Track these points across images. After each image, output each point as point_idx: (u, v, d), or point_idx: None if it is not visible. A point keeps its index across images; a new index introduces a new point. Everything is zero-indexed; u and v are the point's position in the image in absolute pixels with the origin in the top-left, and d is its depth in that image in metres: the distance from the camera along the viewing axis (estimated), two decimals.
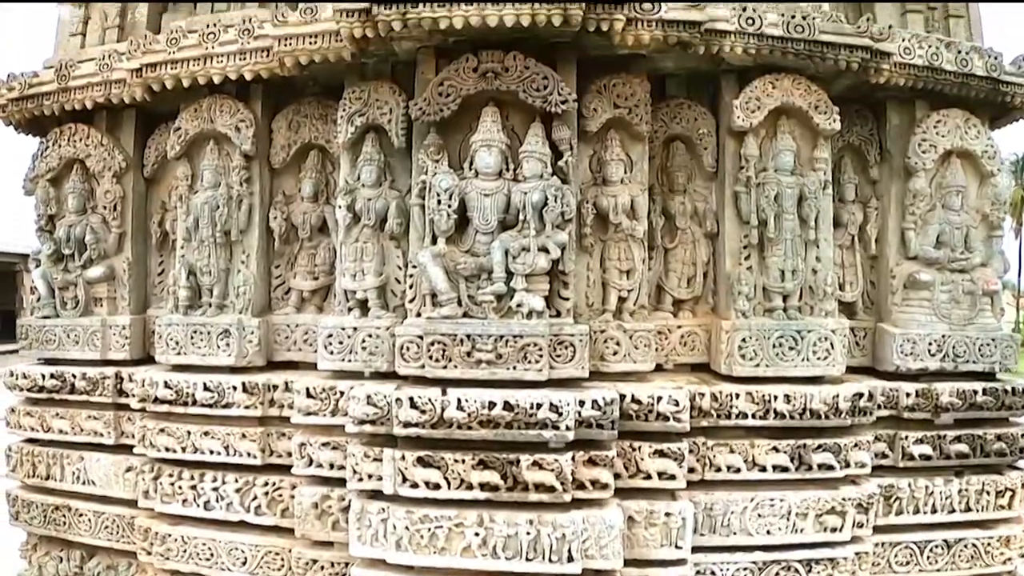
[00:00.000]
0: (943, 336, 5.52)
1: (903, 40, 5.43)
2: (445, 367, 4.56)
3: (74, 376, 5.79)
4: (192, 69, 5.26)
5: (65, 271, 6.02)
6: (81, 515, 5.88)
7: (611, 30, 4.67)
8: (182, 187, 5.49)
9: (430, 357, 4.56)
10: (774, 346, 5.06)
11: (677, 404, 4.74)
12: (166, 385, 5.29)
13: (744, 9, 4.98)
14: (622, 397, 4.71)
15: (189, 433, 5.30)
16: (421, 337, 4.60)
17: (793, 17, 5.04)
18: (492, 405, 4.43)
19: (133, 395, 5.53)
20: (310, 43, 4.93)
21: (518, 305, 4.53)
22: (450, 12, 4.55)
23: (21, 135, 6.40)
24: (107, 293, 5.91)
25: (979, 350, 5.58)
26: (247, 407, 5.19)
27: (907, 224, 5.70)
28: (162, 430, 5.34)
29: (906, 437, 5.49)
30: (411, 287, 4.80)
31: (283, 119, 5.41)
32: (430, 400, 4.48)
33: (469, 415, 4.45)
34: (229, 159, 5.40)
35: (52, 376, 5.85)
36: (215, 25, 5.23)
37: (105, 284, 5.91)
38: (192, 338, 5.33)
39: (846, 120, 5.55)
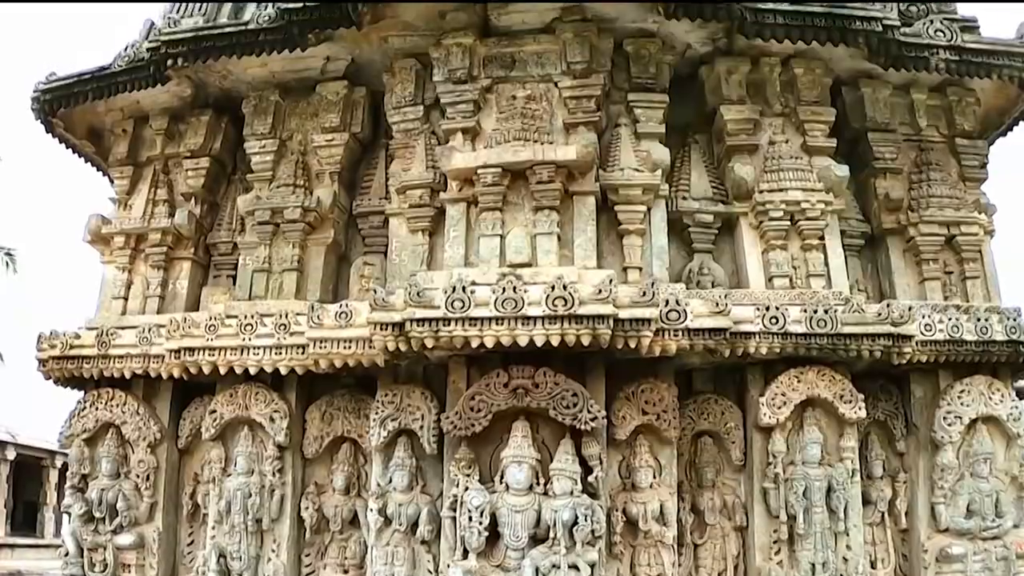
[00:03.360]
0: None
1: (923, 317, 5.53)
2: None
3: None
4: (229, 358, 5.41)
5: (95, 532, 6.05)
6: None
7: (639, 346, 4.79)
8: (215, 468, 5.58)
9: None
10: None
11: None
12: None
13: (767, 309, 5.10)
14: None
15: None
16: None
17: (816, 312, 5.15)
18: None
19: None
20: (344, 347, 5.09)
21: None
22: (481, 332, 4.70)
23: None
24: (135, 560, 5.92)
25: None
26: None
27: (936, 498, 5.67)
28: None
29: None
30: None
31: (317, 410, 5.54)
32: None
33: None
34: (263, 446, 5.50)
35: None
36: (252, 316, 5.40)
37: (134, 551, 5.93)
38: None
39: (870, 396, 5.61)
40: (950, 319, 5.62)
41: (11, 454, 16.48)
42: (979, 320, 5.67)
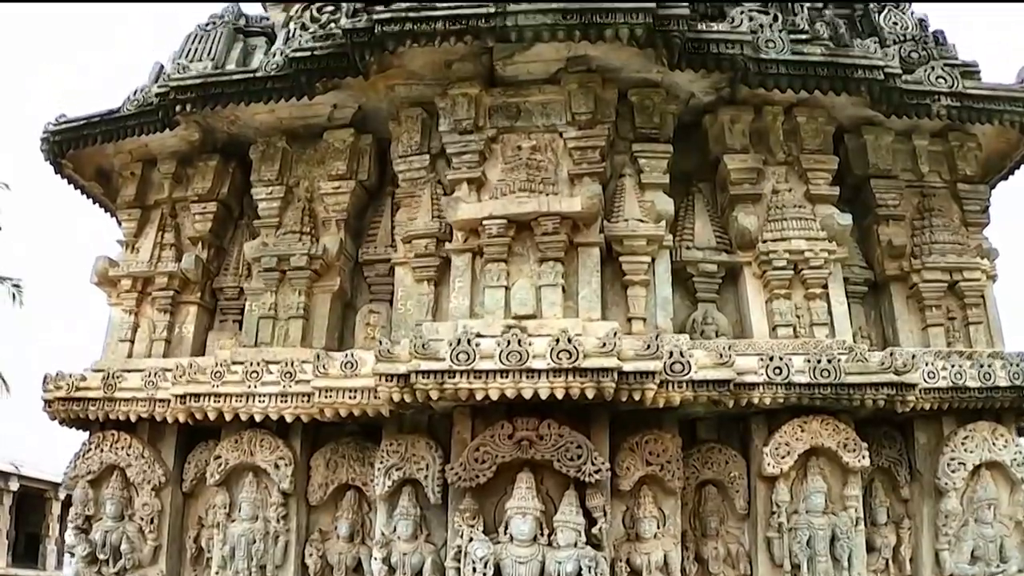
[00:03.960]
0: None
1: (926, 365, 5.53)
2: None
3: None
4: (235, 405, 5.43)
5: (99, 574, 6.05)
6: None
7: (643, 398, 4.81)
8: (220, 514, 5.58)
9: None
10: None
11: None
12: None
13: (771, 359, 5.12)
14: None
15: None
16: None
17: (819, 362, 5.17)
18: None
19: None
20: (349, 397, 5.12)
21: None
22: (486, 385, 4.73)
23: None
24: None
25: None
26: None
27: (941, 545, 5.65)
28: None
29: None
30: None
31: (321, 457, 5.55)
32: None
33: None
34: (267, 492, 5.52)
35: None
36: (258, 364, 5.43)
37: None
38: None
39: (874, 443, 5.61)
40: (953, 366, 5.63)
41: (14, 485, 16.45)
42: (982, 366, 5.68)
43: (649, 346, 4.79)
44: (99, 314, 7.11)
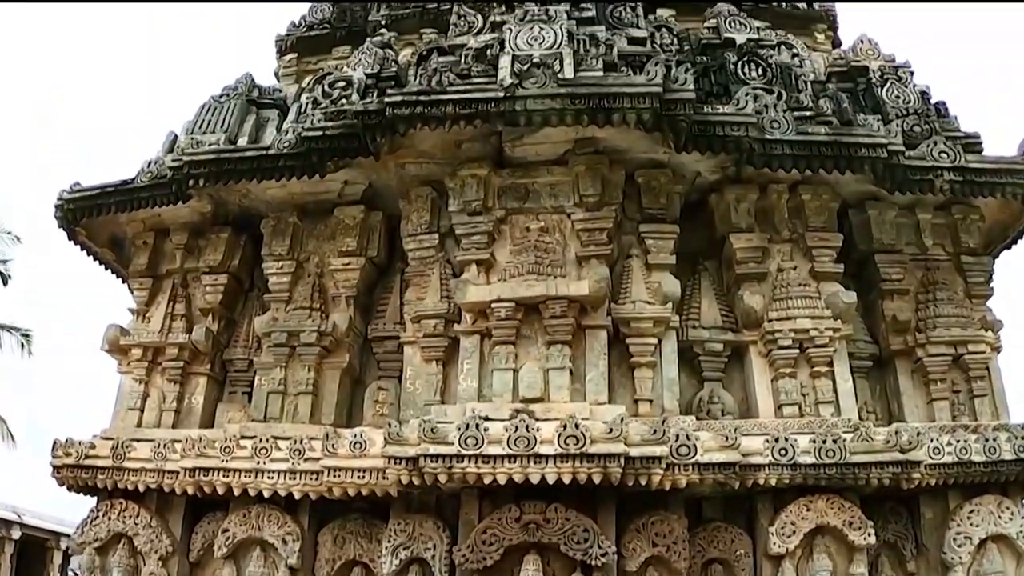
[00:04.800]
0: None
1: (932, 441, 5.54)
2: None
3: None
4: (243, 480, 5.47)
5: None
6: None
7: (649, 482, 4.84)
8: None
9: None
10: None
11: None
12: None
13: (776, 440, 5.15)
14: None
15: None
16: None
17: (824, 442, 5.19)
18: None
19: None
20: (358, 476, 5.17)
21: None
22: (494, 469, 4.78)
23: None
24: None
25: None
26: None
27: None
28: None
29: None
30: None
31: (329, 533, 5.58)
32: None
33: None
34: (275, 567, 5.53)
35: None
36: (268, 440, 5.46)
37: None
38: None
39: (880, 519, 5.62)
40: (958, 441, 5.65)
41: (16, 533, 16.37)
42: (987, 440, 5.70)
43: (655, 431, 4.83)
44: (106, 369, 7.14)
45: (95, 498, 6.39)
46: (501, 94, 5.19)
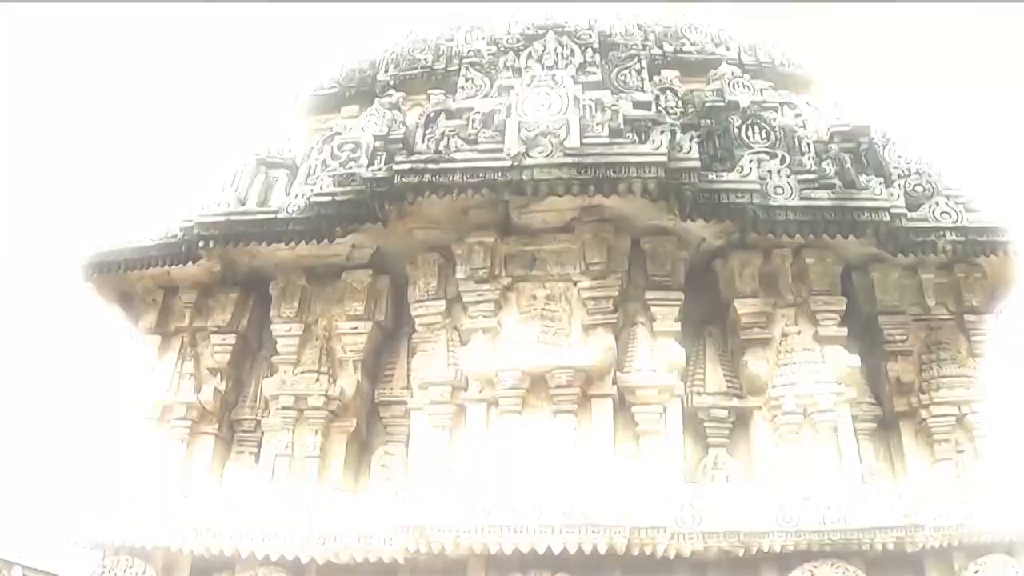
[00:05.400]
0: None
1: (935, 503, 5.56)
2: None
3: None
4: (251, 545, 5.45)
5: None
6: None
7: (654, 551, 4.87)
8: None
9: None
10: None
11: None
12: None
13: (781, 507, 5.18)
14: None
15: None
16: None
17: (828, 508, 5.22)
18: None
19: None
20: (365, 543, 5.20)
21: None
22: (500, 538, 4.82)
23: None
24: None
25: None
26: None
27: None
28: None
29: None
30: None
31: None
32: None
33: None
34: None
35: None
36: (275, 503, 5.49)
37: None
38: None
39: None
40: (962, 503, 5.66)
41: (17, 573, 16.34)
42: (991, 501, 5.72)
43: (660, 499, 4.86)
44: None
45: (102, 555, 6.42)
46: (508, 163, 5.26)
